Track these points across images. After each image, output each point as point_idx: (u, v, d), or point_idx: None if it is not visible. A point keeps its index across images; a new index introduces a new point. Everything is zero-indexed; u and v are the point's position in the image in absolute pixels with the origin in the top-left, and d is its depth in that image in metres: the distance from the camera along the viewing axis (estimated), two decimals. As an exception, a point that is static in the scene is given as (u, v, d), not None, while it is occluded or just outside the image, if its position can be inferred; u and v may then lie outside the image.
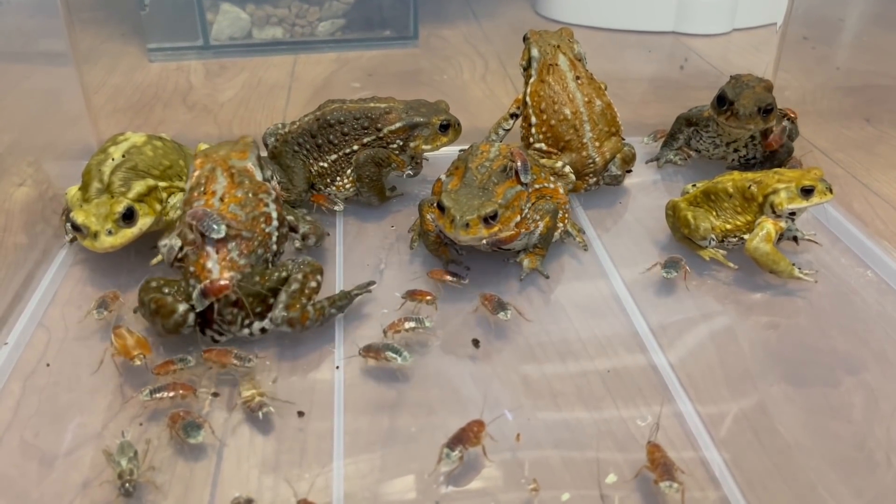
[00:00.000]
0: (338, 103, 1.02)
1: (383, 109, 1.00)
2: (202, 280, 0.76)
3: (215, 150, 0.87)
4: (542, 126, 1.04)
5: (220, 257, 0.77)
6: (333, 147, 1.00)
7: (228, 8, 1.56)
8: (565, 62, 1.05)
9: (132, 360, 0.73)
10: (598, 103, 1.03)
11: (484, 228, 0.81)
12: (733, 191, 0.90)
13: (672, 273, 0.88)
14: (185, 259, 0.79)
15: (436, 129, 1.00)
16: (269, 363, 0.78)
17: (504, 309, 0.81)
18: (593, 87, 1.04)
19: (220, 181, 0.82)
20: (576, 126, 1.02)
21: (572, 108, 1.02)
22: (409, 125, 0.99)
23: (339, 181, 1.01)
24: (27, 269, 0.90)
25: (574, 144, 1.02)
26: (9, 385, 0.75)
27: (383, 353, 0.76)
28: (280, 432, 0.70)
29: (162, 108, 1.37)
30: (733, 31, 1.69)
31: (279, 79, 1.50)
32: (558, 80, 1.03)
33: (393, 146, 1.00)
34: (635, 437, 0.70)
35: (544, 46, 1.06)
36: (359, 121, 1.00)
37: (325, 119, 1.00)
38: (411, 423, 0.71)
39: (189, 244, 0.78)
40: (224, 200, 0.81)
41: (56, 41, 1.13)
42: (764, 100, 1.00)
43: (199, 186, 0.82)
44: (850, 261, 0.94)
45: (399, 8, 1.61)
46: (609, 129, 1.04)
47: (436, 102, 1.04)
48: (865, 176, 1.12)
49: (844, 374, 0.77)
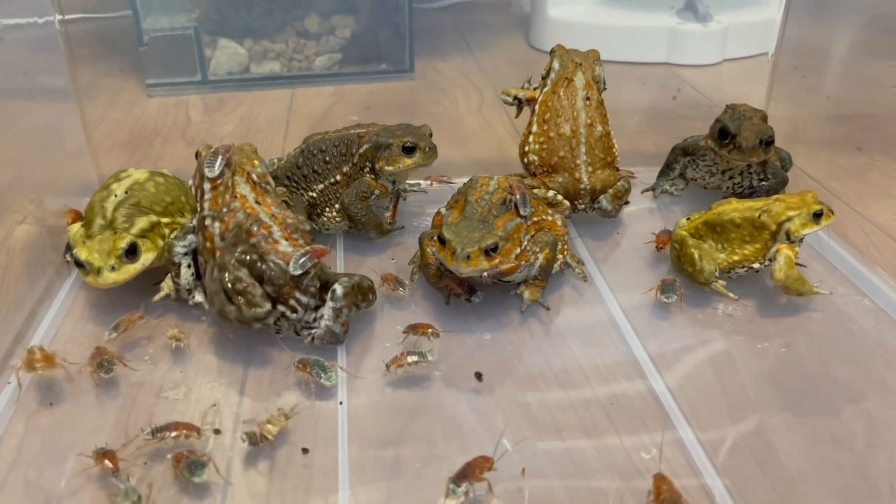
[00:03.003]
0: (321, 134, 1.04)
1: (358, 134, 1.01)
2: (278, 254, 0.81)
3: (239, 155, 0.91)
4: (541, 136, 1.05)
5: (288, 242, 0.83)
6: (318, 176, 1.02)
7: (226, 43, 1.58)
8: (581, 80, 1.06)
9: (35, 371, 0.77)
10: (598, 129, 1.05)
11: (485, 261, 0.82)
12: (741, 221, 0.91)
13: (672, 297, 0.89)
14: (203, 253, 0.85)
15: (398, 149, 0.99)
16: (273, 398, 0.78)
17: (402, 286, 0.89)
18: (599, 113, 1.06)
19: (241, 187, 0.87)
20: (572, 145, 1.03)
21: (573, 126, 1.04)
22: (374, 146, 1.00)
23: (328, 213, 1.03)
24: (29, 307, 0.90)
25: (567, 163, 1.03)
26: (12, 425, 0.75)
27: (406, 359, 0.79)
28: (284, 468, 0.70)
29: (161, 142, 1.38)
30: (724, 61, 1.72)
31: (277, 112, 1.52)
32: (568, 96, 1.05)
33: (365, 169, 1.01)
34: (638, 467, 0.70)
35: (567, 62, 1.08)
36: (337, 147, 1.01)
37: (308, 150, 1.02)
38: (415, 457, 0.71)
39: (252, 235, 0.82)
40: (261, 204, 0.86)
41: (57, 77, 1.14)
42: (765, 132, 1.02)
43: (226, 189, 0.86)
44: (848, 289, 0.95)
45: (395, 41, 1.63)
46: (604, 158, 1.05)
47: (420, 126, 1.04)
48: (859, 204, 1.13)
49: (845, 403, 0.77)
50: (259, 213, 0.85)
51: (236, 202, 0.86)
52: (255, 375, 0.81)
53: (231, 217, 0.84)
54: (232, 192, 0.86)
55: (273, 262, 0.81)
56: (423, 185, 1.16)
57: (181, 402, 0.77)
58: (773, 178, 1.07)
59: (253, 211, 0.85)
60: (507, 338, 0.87)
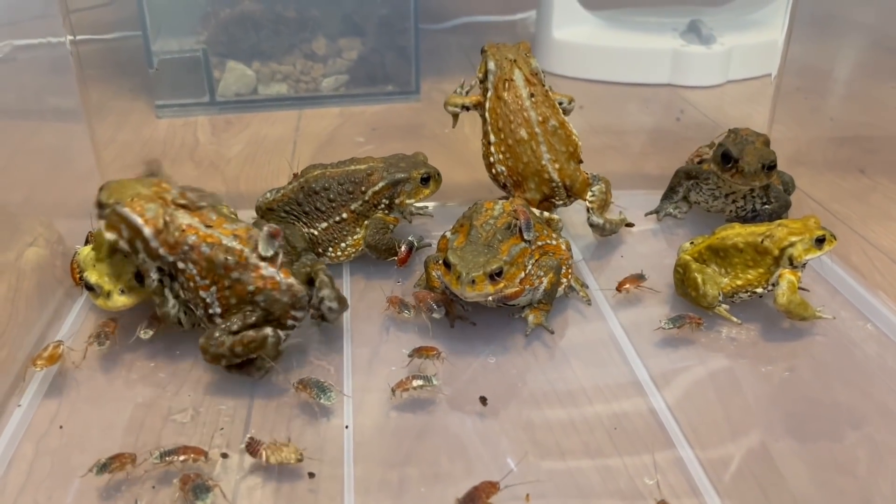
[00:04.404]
0: (319, 170, 1.03)
1: (365, 171, 1.01)
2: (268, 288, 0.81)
3: (139, 188, 0.85)
4: (501, 145, 1.04)
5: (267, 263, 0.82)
6: (322, 214, 1.01)
7: (234, 65, 1.60)
8: (521, 78, 1.05)
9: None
10: (552, 122, 1.03)
11: (490, 285, 0.83)
12: (744, 246, 0.92)
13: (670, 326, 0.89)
14: (188, 293, 0.83)
15: (417, 182, 1.02)
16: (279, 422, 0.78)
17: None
18: (548, 105, 1.04)
19: (182, 218, 0.83)
20: (532, 147, 1.03)
21: (527, 128, 1.02)
22: (392, 183, 1.01)
23: (331, 252, 1.02)
24: (39, 329, 0.91)
25: (533, 166, 1.03)
26: (22, 447, 0.75)
27: (411, 383, 0.79)
28: (291, 493, 0.70)
29: (170, 164, 1.40)
30: (727, 82, 1.73)
31: (284, 133, 1.53)
32: (514, 98, 1.03)
33: (380, 206, 1.02)
34: (641, 491, 0.70)
35: (501, 60, 1.06)
36: (343, 186, 1.01)
37: (309, 187, 1.01)
38: (420, 481, 0.72)
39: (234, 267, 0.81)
40: (213, 227, 0.83)
41: (68, 98, 1.15)
42: (767, 157, 1.02)
43: (167, 231, 0.82)
44: (850, 314, 0.95)
45: (401, 63, 1.65)
46: (566, 149, 1.04)
47: (413, 155, 1.05)
48: (862, 227, 1.14)
49: (848, 428, 0.78)
50: (222, 240, 0.82)
51: (190, 236, 0.82)
52: (261, 399, 0.82)
53: (198, 254, 0.81)
54: (179, 229, 0.82)
55: (262, 299, 0.81)
56: (429, 208, 1.17)
57: (188, 426, 0.78)
58: (776, 201, 1.08)
59: (214, 239, 0.82)
60: (512, 361, 0.87)
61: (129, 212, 0.82)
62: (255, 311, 0.81)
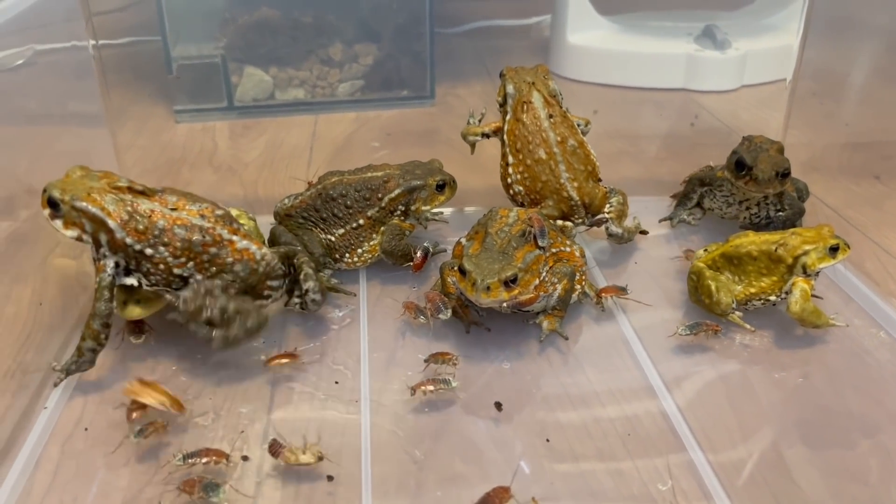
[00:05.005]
0: (336, 176, 1.05)
1: (381, 178, 1.03)
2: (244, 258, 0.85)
3: (87, 182, 0.84)
4: (519, 165, 1.06)
5: (238, 236, 0.86)
6: (339, 220, 1.03)
7: (252, 71, 1.62)
8: (539, 100, 1.06)
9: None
10: (570, 142, 1.05)
11: (504, 291, 0.84)
12: (758, 254, 0.92)
13: (687, 332, 0.90)
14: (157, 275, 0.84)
15: (433, 189, 1.04)
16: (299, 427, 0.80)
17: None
18: (567, 126, 1.06)
19: (144, 204, 0.83)
20: (551, 167, 1.04)
21: (546, 148, 1.04)
22: (408, 189, 1.03)
23: (347, 258, 1.04)
24: (64, 334, 0.93)
25: (552, 185, 1.05)
26: (48, 449, 0.77)
27: (429, 385, 0.82)
28: (310, 497, 0.72)
29: (189, 169, 1.42)
30: (742, 87, 1.73)
31: (301, 138, 1.55)
32: (532, 120, 1.05)
33: (396, 213, 1.04)
34: (654, 497, 0.71)
35: (519, 83, 1.08)
36: (360, 192, 1.02)
37: (326, 193, 1.03)
38: (437, 485, 0.73)
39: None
40: (178, 209, 0.85)
41: (90, 103, 1.16)
42: (781, 164, 1.03)
43: (133, 219, 0.82)
44: (864, 321, 0.96)
45: (416, 68, 1.66)
46: (585, 168, 1.06)
47: (429, 162, 1.08)
48: (876, 234, 1.14)
49: (860, 436, 0.78)
50: (191, 221, 0.83)
51: (158, 221, 0.82)
52: (280, 403, 0.83)
53: (170, 237, 0.82)
54: (144, 216, 0.82)
55: (241, 269, 0.85)
56: (445, 214, 1.18)
57: (209, 429, 0.79)
58: (790, 208, 1.09)
59: (184, 221, 0.83)
60: (526, 367, 0.88)
61: (88, 206, 0.81)
62: (234, 282, 0.85)
